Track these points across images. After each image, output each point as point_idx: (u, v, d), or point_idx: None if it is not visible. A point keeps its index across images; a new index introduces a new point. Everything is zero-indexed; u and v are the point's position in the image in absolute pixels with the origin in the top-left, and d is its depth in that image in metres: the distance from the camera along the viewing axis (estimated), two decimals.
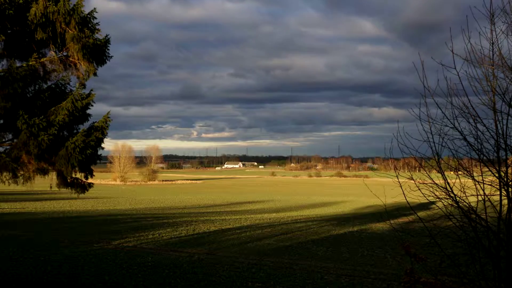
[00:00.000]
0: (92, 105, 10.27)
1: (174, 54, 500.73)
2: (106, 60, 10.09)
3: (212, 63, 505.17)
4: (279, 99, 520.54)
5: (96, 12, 9.98)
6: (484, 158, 5.44)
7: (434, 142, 5.61)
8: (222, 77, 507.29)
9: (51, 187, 10.66)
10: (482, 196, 5.50)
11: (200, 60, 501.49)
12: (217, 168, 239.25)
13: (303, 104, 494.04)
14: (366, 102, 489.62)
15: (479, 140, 5.42)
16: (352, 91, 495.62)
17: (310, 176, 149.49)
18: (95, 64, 9.91)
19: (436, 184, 5.59)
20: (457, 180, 5.65)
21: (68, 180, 10.70)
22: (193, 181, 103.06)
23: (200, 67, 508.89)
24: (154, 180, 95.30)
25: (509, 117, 5.31)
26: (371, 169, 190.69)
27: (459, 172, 5.68)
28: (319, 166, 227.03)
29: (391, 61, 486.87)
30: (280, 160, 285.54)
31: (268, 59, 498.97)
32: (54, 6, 9.32)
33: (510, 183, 5.30)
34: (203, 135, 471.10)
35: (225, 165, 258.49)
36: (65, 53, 9.97)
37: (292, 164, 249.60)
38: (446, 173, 5.78)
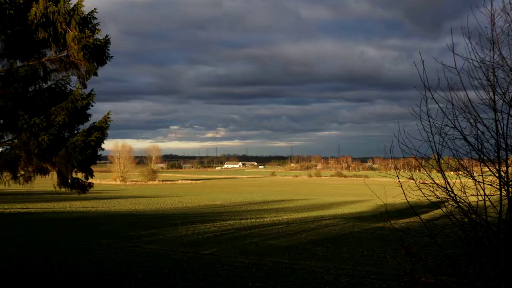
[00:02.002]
0: (92, 105, 10.29)
1: (137, 39, 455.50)
2: (107, 60, 10.10)
3: (182, 49, 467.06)
4: (267, 94, 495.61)
5: (97, 12, 10.00)
6: (485, 158, 5.45)
7: (434, 142, 5.62)
8: (198, 68, 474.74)
9: (55, 187, 10.67)
10: (482, 196, 5.51)
11: (167, 46, 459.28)
12: (217, 168, 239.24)
13: (296, 100, 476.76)
14: (364, 98, 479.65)
15: (479, 140, 5.43)
16: (348, 83, 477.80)
17: (310, 176, 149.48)
18: (95, 64, 9.92)
19: (437, 184, 5.60)
20: (458, 180, 5.66)
21: (69, 181, 10.71)
22: (193, 181, 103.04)
23: (171, 57, 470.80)
24: (154, 180, 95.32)
25: (510, 117, 5.32)
26: (371, 169, 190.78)
27: (460, 172, 5.68)
28: (319, 166, 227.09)
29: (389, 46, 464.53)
30: (280, 160, 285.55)
31: (247, 46, 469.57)
32: (54, 6, 9.33)
33: (510, 183, 5.30)
34: (201, 135, 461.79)
35: (225, 165, 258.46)
36: (65, 53, 9.98)
37: (292, 164, 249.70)
38: (446, 173, 5.79)
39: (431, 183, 5.67)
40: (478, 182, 5.50)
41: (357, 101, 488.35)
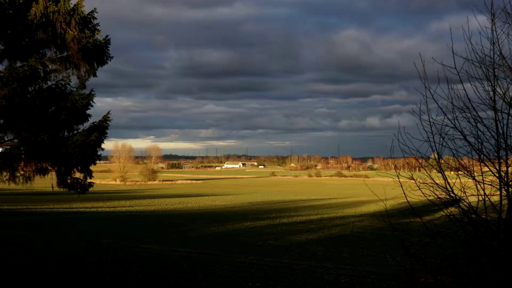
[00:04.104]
0: (92, 105, 10.29)
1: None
2: (107, 61, 10.10)
3: (140, 32, 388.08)
4: (253, 87, 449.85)
5: (97, 12, 10.00)
6: (484, 158, 5.44)
7: (434, 142, 5.62)
8: (166, 56, 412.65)
9: (53, 187, 10.66)
10: (483, 196, 5.50)
11: (117, 27, 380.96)
12: (217, 168, 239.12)
13: (287, 95, 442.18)
14: (361, 92, 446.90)
15: (479, 140, 5.42)
16: (341, 73, 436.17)
17: (310, 176, 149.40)
18: (95, 65, 9.92)
19: (437, 184, 5.59)
20: (458, 180, 5.65)
21: (68, 181, 10.71)
22: (193, 181, 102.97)
23: (129, 41, 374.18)
24: (154, 180, 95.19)
25: (510, 117, 5.31)
26: (371, 168, 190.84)
27: (460, 172, 5.67)
28: (319, 166, 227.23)
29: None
30: (280, 160, 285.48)
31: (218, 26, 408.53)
32: (54, 6, 9.33)
33: (510, 183, 5.30)
34: (196, 135, 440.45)
35: (225, 165, 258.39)
36: (65, 53, 9.98)
37: (292, 164, 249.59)
38: (446, 173, 5.78)
39: (431, 183, 5.66)
40: (478, 182, 5.49)
41: (353, 96, 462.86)
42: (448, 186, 5.56)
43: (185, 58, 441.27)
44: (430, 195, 5.69)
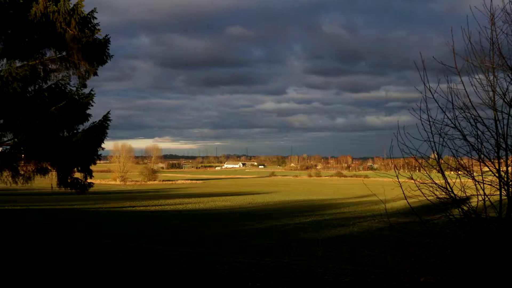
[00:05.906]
0: (92, 105, 10.30)
1: None
2: (107, 60, 10.11)
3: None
4: (240, 80, 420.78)
5: (97, 12, 10.01)
6: (484, 157, 5.44)
7: (434, 142, 5.62)
8: (135, 44, 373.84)
9: (52, 187, 10.67)
10: (482, 196, 5.50)
11: None
12: (217, 168, 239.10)
13: (277, 89, 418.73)
14: (359, 88, 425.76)
15: (479, 140, 5.42)
16: (335, 61, 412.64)
17: (310, 176, 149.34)
18: (95, 64, 9.93)
19: (437, 184, 5.59)
20: (457, 180, 5.65)
21: (68, 180, 10.72)
22: (193, 181, 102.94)
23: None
24: (155, 180, 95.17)
25: (510, 117, 5.31)
26: (371, 169, 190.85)
27: (459, 172, 5.67)
28: (319, 166, 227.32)
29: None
30: (280, 160, 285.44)
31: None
32: (54, 6, 9.34)
33: (510, 182, 5.30)
34: (191, 135, 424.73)
35: (225, 165, 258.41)
36: (65, 53, 9.99)
37: (292, 164, 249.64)
38: (446, 172, 5.78)
39: (431, 183, 5.66)
40: (478, 182, 5.49)
41: (350, 91, 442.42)
42: (448, 186, 5.56)
43: (159, 46, 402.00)
44: (430, 195, 5.69)
